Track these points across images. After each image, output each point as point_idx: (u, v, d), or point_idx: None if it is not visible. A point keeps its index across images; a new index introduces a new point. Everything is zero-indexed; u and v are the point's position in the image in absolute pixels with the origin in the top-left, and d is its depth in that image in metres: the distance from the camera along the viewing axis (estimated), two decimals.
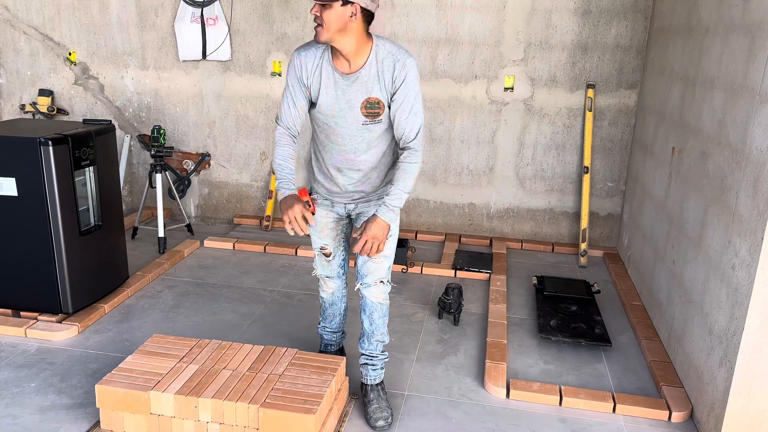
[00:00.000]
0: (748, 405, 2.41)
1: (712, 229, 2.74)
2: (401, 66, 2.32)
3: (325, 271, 2.81)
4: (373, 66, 2.33)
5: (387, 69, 2.33)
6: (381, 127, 2.42)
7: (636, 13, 4.35)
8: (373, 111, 2.37)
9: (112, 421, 2.48)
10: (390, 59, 2.33)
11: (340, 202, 2.62)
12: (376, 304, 2.69)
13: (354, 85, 2.35)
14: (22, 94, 5.32)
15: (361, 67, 2.33)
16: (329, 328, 2.99)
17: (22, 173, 3.16)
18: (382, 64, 2.33)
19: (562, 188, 4.77)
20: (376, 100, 2.35)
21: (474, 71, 4.64)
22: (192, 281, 4.06)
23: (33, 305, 3.39)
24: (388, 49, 2.34)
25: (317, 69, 2.37)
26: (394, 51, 2.34)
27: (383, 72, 2.33)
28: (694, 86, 3.22)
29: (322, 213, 2.65)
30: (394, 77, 2.33)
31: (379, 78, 2.33)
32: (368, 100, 2.36)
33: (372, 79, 2.34)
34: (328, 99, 2.39)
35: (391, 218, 2.43)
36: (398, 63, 2.32)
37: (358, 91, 2.35)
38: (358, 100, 2.36)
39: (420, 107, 2.39)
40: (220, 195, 5.27)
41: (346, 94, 2.36)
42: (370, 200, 2.59)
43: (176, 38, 4.91)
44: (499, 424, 2.69)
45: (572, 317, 3.53)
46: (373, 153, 2.48)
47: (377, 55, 2.33)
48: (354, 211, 2.63)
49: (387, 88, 2.34)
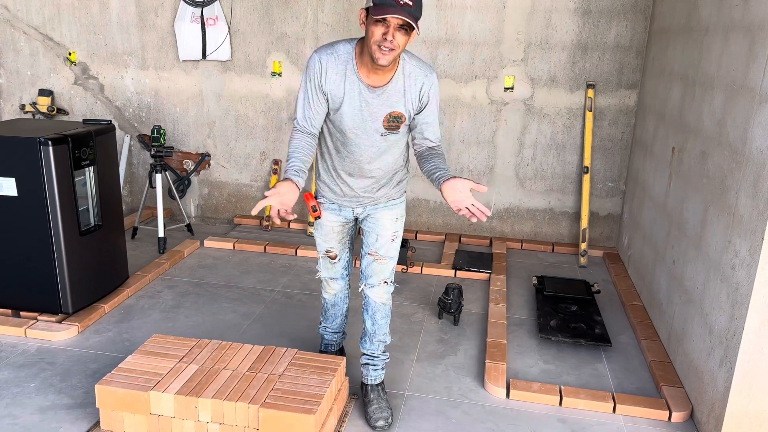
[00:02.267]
0: (748, 405, 2.41)
1: (712, 229, 2.74)
2: (429, 84, 2.34)
3: (329, 273, 2.81)
4: (400, 81, 2.31)
5: (414, 84, 2.32)
6: (396, 137, 2.43)
7: (636, 13, 4.35)
8: (395, 124, 2.37)
9: (112, 421, 2.48)
10: (416, 75, 2.32)
11: (348, 206, 2.58)
12: (379, 304, 2.69)
13: (379, 99, 2.31)
14: (22, 94, 5.32)
15: (389, 81, 2.30)
16: (330, 329, 2.99)
17: (22, 173, 3.16)
18: (409, 79, 2.32)
19: (562, 188, 4.77)
20: (398, 114, 2.34)
21: (474, 71, 4.64)
22: (192, 281, 4.06)
23: (33, 305, 3.39)
24: (414, 64, 2.33)
25: (342, 79, 2.29)
26: (421, 66, 2.34)
27: (410, 87, 2.32)
28: (694, 86, 3.22)
29: (328, 217, 2.62)
30: (421, 95, 2.34)
31: (405, 93, 2.32)
32: (391, 114, 2.34)
33: (397, 93, 2.32)
34: (352, 110, 2.32)
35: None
36: (427, 79, 2.33)
37: (383, 105, 2.32)
38: (381, 113, 2.33)
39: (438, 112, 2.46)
40: (220, 195, 5.27)
41: (370, 107, 2.32)
42: (379, 202, 2.57)
43: (176, 38, 4.91)
44: (499, 424, 2.69)
45: (572, 317, 3.53)
46: (386, 160, 2.47)
47: (404, 69, 2.31)
48: (362, 214, 2.61)
49: (413, 103, 2.34)
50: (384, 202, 2.57)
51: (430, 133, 2.46)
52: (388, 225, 2.58)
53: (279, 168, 5.07)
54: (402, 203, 2.63)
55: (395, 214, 2.60)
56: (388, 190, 2.57)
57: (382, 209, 2.58)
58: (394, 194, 2.58)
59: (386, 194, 2.57)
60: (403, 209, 2.64)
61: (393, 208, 2.59)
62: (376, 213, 2.58)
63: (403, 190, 2.63)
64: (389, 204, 2.58)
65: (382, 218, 2.58)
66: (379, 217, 2.58)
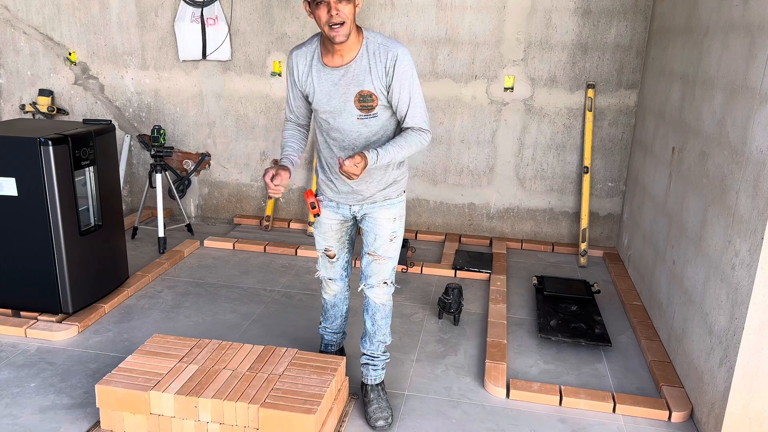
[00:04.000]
0: (748, 405, 2.41)
1: (712, 229, 2.74)
2: (393, 56, 2.32)
3: (328, 273, 2.81)
4: (364, 58, 2.34)
5: (379, 60, 2.34)
6: (377, 122, 2.43)
7: (636, 13, 4.35)
8: (367, 104, 2.38)
9: (112, 421, 2.48)
10: (381, 51, 2.34)
11: (345, 203, 2.59)
12: (379, 305, 2.69)
13: (345, 78, 2.36)
14: (22, 94, 5.32)
15: (352, 59, 2.34)
16: (330, 329, 2.99)
17: (22, 173, 3.16)
18: (374, 57, 2.34)
19: (562, 188, 4.77)
20: (368, 93, 2.36)
21: (474, 71, 4.64)
22: (192, 281, 4.06)
23: (33, 305, 3.39)
24: (379, 41, 2.36)
25: (309, 68, 2.42)
26: (386, 42, 2.36)
27: (375, 63, 2.34)
28: (693, 86, 3.22)
29: (327, 215, 2.64)
30: (387, 68, 2.33)
31: (371, 70, 2.34)
32: (360, 93, 2.36)
33: (363, 71, 2.34)
34: (323, 95, 2.41)
35: (373, 160, 2.30)
36: (390, 53, 2.33)
37: (350, 84, 2.36)
38: (351, 93, 2.37)
39: (419, 94, 2.41)
40: (220, 195, 5.27)
41: (339, 89, 2.37)
42: (375, 201, 2.57)
43: (176, 38, 4.91)
44: (499, 424, 2.69)
45: (572, 317, 3.53)
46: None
47: (368, 47, 2.34)
48: (360, 212, 2.61)
49: (381, 80, 2.35)
50: (381, 201, 2.57)
51: (408, 117, 2.40)
52: (386, 225, 2.59)
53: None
54: (400, 203, 2.62)
55: (393, 214, 2.60)
56: (384, 188, 2.56)
57: (379, 209, 2.58)
58: (390, 194, 2.58)
59: (382, 193, 2.56)
60: (401, 209, 2.63)
61: (390, 208, 2.59)
62: (373, 212, 2.58)
63: (402, 189, 2.62)
64: (386, 204, 2.58)
65: (379, 218, 2.58)
66: (377, 216, 2.58)
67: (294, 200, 5.17)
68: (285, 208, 5.20)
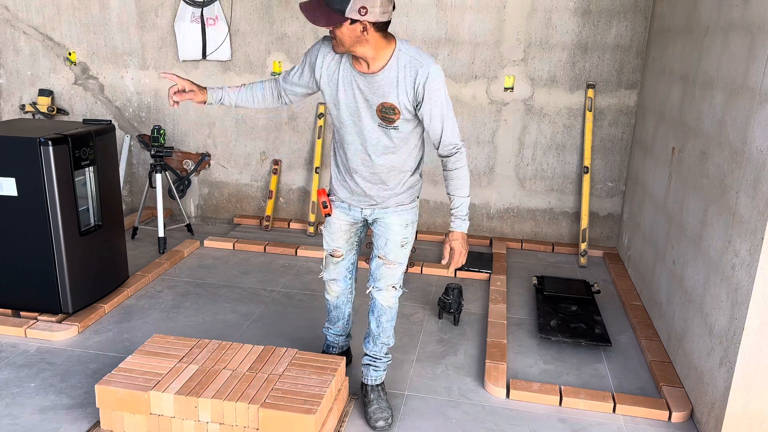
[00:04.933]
0: (748, 405, 2.41)
1: (712, 229, 2.74)
2: (424, 74, 2.25)
3: (331, 274, 2.79)
4: (393, 70, 2.27)
5: (408, 75, 2.27)
6: (399, 135, 2.38)
7: (636, 13, 4.35)
8: (388, 117, 2.33)
9: (112, 421, 2.48)
10: (412, 66, 2.26)
11: (357, 206, 2.57)
12: (386, 307, 2.68)
13: (371, 86, 2.31)
14: (22, 94, 5.32)
15: (380, 69, 2.28)
16: (333, 331, 2.98)
17: (22, 173, 3.16)
18: (404, 70, 2.27)
19: (562, 188, 4.77)
20: (391, 105, 2.30)
21: (474, 71, 4.64)
22: (192, 281, 4.06)
23: (33, 305, 3.39)
24: (411, 55, 2.28)
25: (338, 65, 2.36)
26: (418, 57, 2.27)
27: (404, 78, 2.27)
28: (693, 86, 3.22)
29: (338, 215, 2.62)
30: (416, 86, 2.27)
31: (398, 84, 2.28)
32: (383, 105, 2.31)
33: (390, 83, 2.28)
34: (347, 97, 2.36)
35: (465, 227, 2.49)
36: (421, 69, 2.25)
37: (375, 94, 2.31)
38: (374, 102, 2.32)
39: (451, 111, 2.37)
40: (220, 195, 5.27)
41: (364, 94, 2.33)
42: (388, 206, 2.54)
43: (176, 38, 4.91)
44: (499, 424, 2.69)
45: (572, 317, 3.53)
46: (391, 159, 2.44)
47: (399, 60, 2.27)
48: (371, 216, 2.59)
49: (407, 95, 2.29)
50: (393, 207, 2.54)
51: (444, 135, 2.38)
52: (398, 230, 2.56)
53: (279, 168, 5.07)
54: (413, 209, 2.59)
55: (405, 220, 2.56)
56: (398, 195, 2.53)
57: (391, 214, 2.55)
58: (404, 200, 2.55)
59: (396, 199, 2.53)
60: (413, 215, 2.60)
61: (403, 214, 2.56)
62: (385, 218, 2.56)
63: (415, 195, 2.59)
64: (399, 209, 2.55)
65: (391, 223, 2.55)
66: (389, 222, 2.55)
67: (294, 200, 5.17)
68: (285, 208, 5.20)
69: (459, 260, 2.50)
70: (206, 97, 2.53)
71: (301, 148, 5.02)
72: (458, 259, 2.49)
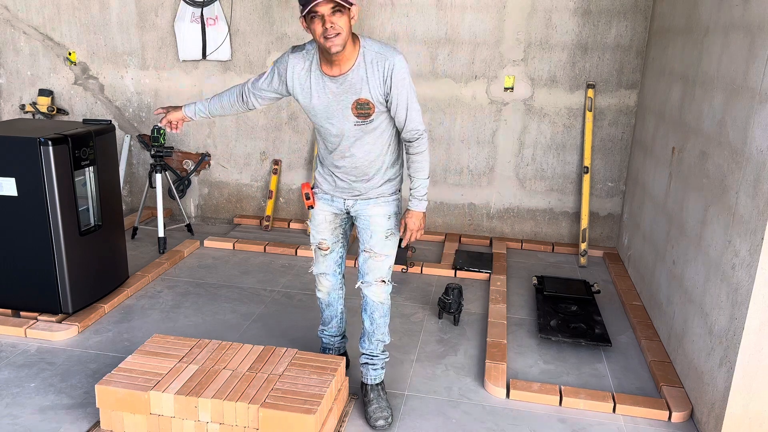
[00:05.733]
0: (748, 405, 2.41)
1: (712, 229, 2.74)
2: (390, 66, 2.36)
3: (320, 268, 2.83)
4: (361, 68, 2.37)
5: (377, 70, 2.37)
6: (374, 127, 2.47)
7: (636, 13, 4.35)
8: (364, 111, 2.42)
9: (112, 421, 2.48)
10: (378, 60, 2.37)
11: (340, 197, 2.64)
12: (377, 303, 2.69)
13: (343, 87, 2.40)
14: (22, 94, 5.32)
15: (350, 69, 2.37)
16: (327, 332, 2.99)
17: (22, 173, 3.16)
18: (372, 66, 2.37)
19: (562, 188, 4.77)
20: (365, 101, 2.40)
21: (474, 71, 4.64)
22: (192, 281, 4.06)
23: (33, 305, 3.39)
24: (376, 50, 2.38)
25: (308, 74, 2.44)
26: (382, 51, 2.38)
27: (373, 73, 2.37)
28: (694, 86, 3.22)
29: (321, 206, 2.69)
30: (385, 78, 2.37)
31: (368, 79, 2.37)
32: (358, 101, 2.40)
33: (361, 80, 2.38)
34: (321, 103, 2.45)
35: (422, 206, 2.58)
36: (387, 62, 2.36)
37: (348, 93, 2.40)
38: (348, 101, 2.41)
39: (414, 98, 2.46)
40: (220, 195, 5.27)
41: (337, 97, 2.42)
42: (370, 198, 2.60)
43: (176, 38, 4.91)
44: (499, 424, 2.69)
45: (572, 317, 3.53)
46: (369, 151, 2.52)
47: (365, 56, 2.37)
48: (353, 207, 2.64)
49: (378, 88, 2.38)
50: (375, 198, 2.61)
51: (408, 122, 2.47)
52: (381, 222, 2.61)
53: (279, 168, 5.07)
54: (394, 201, 2.65)
55: (387, 212, 2.62)
56: (379, 186, 2.59)
57: (373, 205, 2.61)
58: (384, 191, 2.61)
59: (377, 191, 2.59)
60: (395, 207, 2.65)
61: (384, 206, 2.62)
62: (367, 209, 2.61)
63: (396, 188, 2.66)
64: (380, 201, 2.61)
65: (374, 215, 2.61)
66: (372, 214, 2.61)
67: (294, 200, 5.17)
68: (285, 208, 5.20)
69: (413, 236, 2.61)
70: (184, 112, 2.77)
71: (301, 148, 5.02)
72: (412, 236, 2.61)
